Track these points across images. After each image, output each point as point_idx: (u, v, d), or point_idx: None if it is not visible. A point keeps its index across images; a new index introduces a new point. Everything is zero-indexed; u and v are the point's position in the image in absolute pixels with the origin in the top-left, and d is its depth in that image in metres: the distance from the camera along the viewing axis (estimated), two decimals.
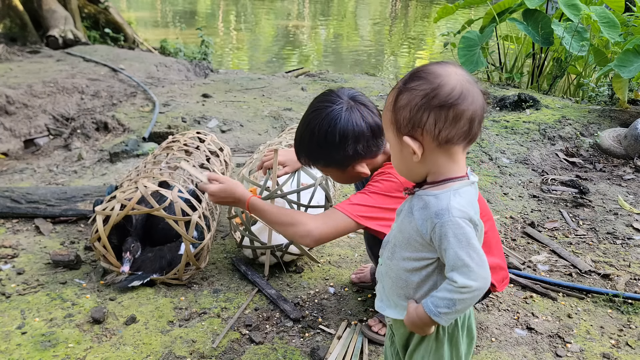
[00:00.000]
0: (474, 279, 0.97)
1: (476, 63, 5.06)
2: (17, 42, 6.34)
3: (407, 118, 1.02)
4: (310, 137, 1.56)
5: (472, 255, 0.97)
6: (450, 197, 1.01)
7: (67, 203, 2.57)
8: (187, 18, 12.90)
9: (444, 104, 0.99)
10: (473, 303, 1.02)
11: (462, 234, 0.98)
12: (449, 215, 0.99)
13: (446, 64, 1.05)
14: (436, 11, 5.95)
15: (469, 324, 1.16)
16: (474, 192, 1.05)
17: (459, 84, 1.00)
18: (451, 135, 1.00)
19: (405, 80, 1.04)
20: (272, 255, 2.15)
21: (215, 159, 2.68)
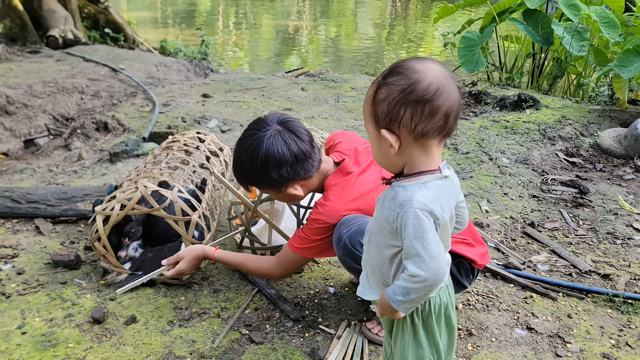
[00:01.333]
0: (424, 270, 1.01)
1: (476, 63, 5.06)
2: (17, 42, 6.35)
3: (385, 112, 1.06)
4: (239, 164, 1.70)
5: (426, 247, 1.01)
6: (416, 189, 1.05)
7: (67, 203, 2.57)
8: (187, 18, 12.90)
9: (420, 99, 1.02)
10: (427, 293, 1.05)
11: (419, 225, 1.02)
12: (410, 206, 1.03)
13: (425, 60, 1.07)
14: (436, 11, 5.95)
15: (447, 313, 1.18)
16: (446, 185, 1.08)
17: (435, 79, 1.03)
18: (427, 130, 1.04)
19: (385, 75, 1.07)
20: (271, 255, 2.15)
21: (215, 159, 2.68)
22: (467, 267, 1.70)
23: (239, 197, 2.04)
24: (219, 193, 2.56)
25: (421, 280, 1.02)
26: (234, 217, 2.21)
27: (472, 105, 4.62)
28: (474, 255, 1.68)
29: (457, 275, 1.68)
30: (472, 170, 3.34)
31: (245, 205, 2.07)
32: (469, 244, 1.69)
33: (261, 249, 2.13)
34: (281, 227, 2.16)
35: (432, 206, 1.03)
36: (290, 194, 1.71)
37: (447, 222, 1.08)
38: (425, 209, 1.03)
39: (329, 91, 5.29)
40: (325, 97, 4.97)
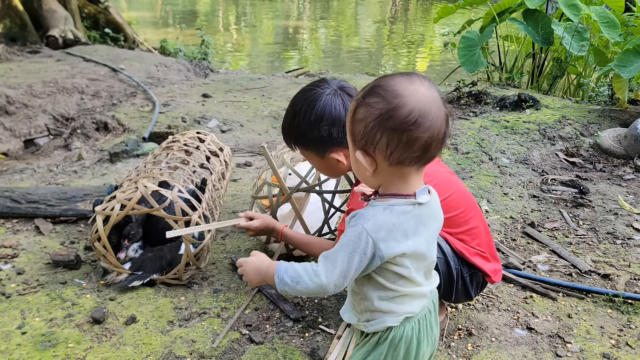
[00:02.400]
0: (327, 278, 1.00)
1: (476, 63, 5.06)
2: (17, 42, 6.35)
3: (361, 133, 0.99)
4: (292, 115, 1.64)
5: (344, 264, 0.98)
6: (380, 210, 1.00)
7: (67, 203, 2.57)
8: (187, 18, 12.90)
9: (398, 127, 0.95)
10: (309, 293, 1.03)
11: (357, 244, 0.97)
12: (362, 223, 0.98)
13: (411, 79, 0.99)
14: (436, 11, 5.95)
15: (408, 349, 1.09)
16: (417, 212, 1.02)
17: (417, 106, 0.95)
18: (402, 158, 0.98)
19: (365, 94, 1.00)
20: (284, 245, 2.15)
21: (215, 159, 2.68)
22: (480, 279, 1.68)
23: (278, 179, 2.01)
24: (219, 193, 2.56)
25: (318, 283, 1.01)
26: (262, 197, 2.18)
27: (472, 105, 4.62)
28: (489, 270, 1.66)
29: (469, 286, 1.65)
30: (472, 170, 3.34)
31: (281, 189, 2.03)
32: (486, 258, 1.67)
33: None
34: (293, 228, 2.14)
35: (381, 236, 0.97)
36: (333, 161, 1.63)
37: (408, 253, 1.01)
38: (371, 236, 0.97)
39: None
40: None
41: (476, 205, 1.70)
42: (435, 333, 1.15)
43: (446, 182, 1.62)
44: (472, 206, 1.66)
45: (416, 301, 1.07)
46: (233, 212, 2.71)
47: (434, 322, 1.14)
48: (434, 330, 1.14)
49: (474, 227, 1.64)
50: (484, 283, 1.71)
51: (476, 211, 1.68)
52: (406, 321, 1.06)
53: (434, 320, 1.14)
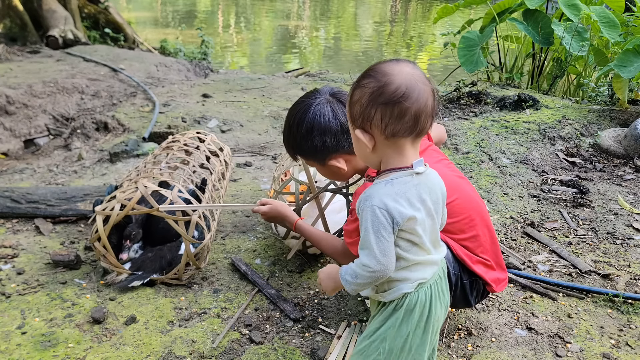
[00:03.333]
0: (374, 263, 1.08)
1: (476, 63, 5.06)
2: (17, 42, 6.35)
3: (358, 113, 1.12)
4: (287, 129, 1.71)
5: (378, 243, 1.07)
6: (381, 185, 1.10)
7: (67, 203, 2.57)
8: (187, 18, 12.90)
9: (389, 101, 1.07)
10: (373, 282, 1.12)
11: (375, 221, 1.07)
12: (370, 201, 1.08)
13: (398, 62, 1.12)
14: (436, 11, 5.95)
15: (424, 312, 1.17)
16: (416, 181, 1.11)
17: (404, 82, 1.07)
18: (396, 130, 1.08)
19: (359, 78, 1.13)
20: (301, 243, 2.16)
21: (215, 159, 2.68)
22: (481, 288, 1.65)
23: (308, 178, 2.01)
24: (219, 193, 2.56)
25: (370, 271, 1.09)
26: (288, 193, 2.19)
27: (472, 105, 4.62)
28: (491, 279, 1.63)
29: (468, 293, 1.63)
30: (472, 170, 3.34)
31: (310, 187, 2.03)
32: (490, 267, 1.64)
33: None
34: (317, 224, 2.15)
35: (390, 204, 1.07)
36: (333, 167, 1.67)
37: (418, 218, 1.10)
38: (382, 207, 1.07)
39: None
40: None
41: (484, 211, 1.66)
42: (446, 297, 1.24)
43: (452, 185, 1.59)
44: (478, 212, 1.62)
45: (428, 268, 1.16)
46: (233, 212, 2.71)
47: (445, 288, 1.23)
48: (445, 295, 1.23)
49: (479, 234, 1.60)
50: (484, 292, 1.68)
51: (482, 218, 1.63)
52: (420, 287, 1.15)
53: (444, 285, 1.24)
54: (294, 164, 2.33)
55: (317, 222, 2.13)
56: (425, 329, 1.17)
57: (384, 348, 1.18)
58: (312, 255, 2.30)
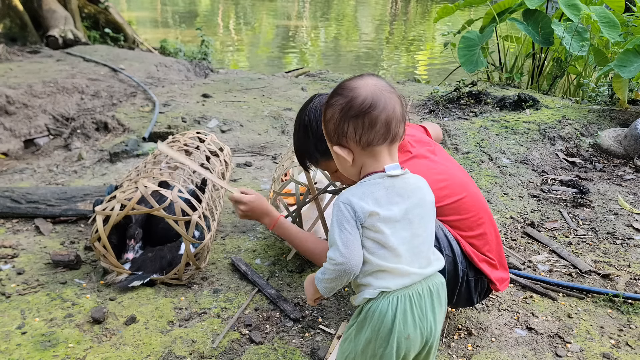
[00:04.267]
0: (338, 255, 1.10)
1: (476, 63, 5.06)
2: (17, 42, 6.34)
3: (333, 130, 1.18)
4: (302, 130, 1.66)
5: (341, 236, 1.10)
6: (352, 187, 1.16)
7: (67, 203, 2.57)
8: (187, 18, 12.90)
9: (358, 113, 1.13)
10: (340, 277, 1.13)
11: (338, 216, 1.12)
12: (337, 200, 1.14)
13: (362, 76, 1.19)
14: (436, 11, 5.95)
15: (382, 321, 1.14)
16: (388, 184, 1.14)
17: (369, 94, 1.13)
18: (371, 139, 1.14)
19: (328, 98, 1.20)
20: None
21: (215, 159, 2.68)
22: (485, 286, 1.67)
23: (308, 180, 2.00)
24: (219, 193, 2.56)
25: (334, 264, 1.11)
26: (288, 194, 2.19)
27: (472, 105, 4.62)
28: (495, 277, 1.64)
29: (472, 291, 1.64)
30: (472, 170, 3.34)
31: (309, 188, 2.02)
32: (494, 265, 1.66)
33: None
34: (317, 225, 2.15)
35: (353, 200, 1.11)
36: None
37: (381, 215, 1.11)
38: (346, 202, 1.12)
39: (329, 91, 5.28)
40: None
41: (489, 211, 1.69)
42: (430, 319, 1.16)
43: (460, 184, 1.62)
44: (485, 211, 1.66)
45: (396, 279, 1.13)
46: (233, 212, 2.71)
47: (429, 308, 1.16)
48: (427, 315, 1.16)
49: (486, 232, 1.63)
50: (488, 290, 1.69)
51: (489, 217, 1.67)
52: (382, 295, 1.14)
53: (429, 305, 1.16)
54: (294, 165, 2.33)
55: (317, 224, 2.13)
56: (389, 343, 1.13)
57: (352, 348, 1.20)
58: None
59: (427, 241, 1.18)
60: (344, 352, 1.23)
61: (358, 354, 1.19)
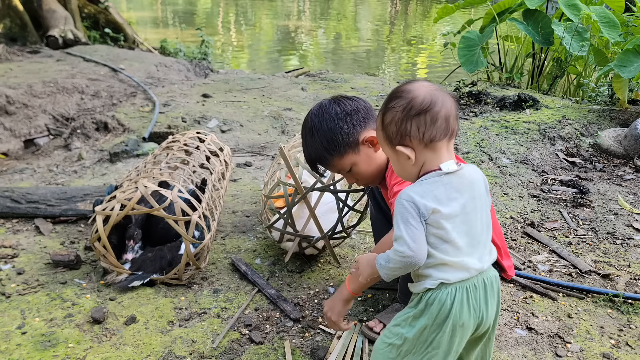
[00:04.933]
0: (406, 249, 1.15)
1: (476, 63, 5.06)
2: (17, 42, 6.34)
3: (395, 131, 1.23)
4: (310, 133, 1.65)
5: (407, 230, 1.15)
6: (411, 186, 1.21)
7: (67, 203, 2.57)
8: (187, 18, 12.90)
9: (420, 111, 1.20)
10: (402, 267, 1.18)
11: (402, 213, 1.17)
12: (400, 198, 1.19)
13: (415, 81, 1.28)
14: (436, 11, 5.95)
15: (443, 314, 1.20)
16: (448, 181, 1.20)
17: (427, 93, 1.22)
18: (433, 135, 1.20)
19: (386, 102, 1.26)
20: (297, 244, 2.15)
21: (215, 159, 2.68)
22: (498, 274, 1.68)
23: (294, 179, 2.00)
24: (219, 193, 2.56)
25: (402, 256, 1.16)
26: (277, 197, 2.19)
27: (472, 105, 4.62)
28: (506, 265, 1.64)
29: None
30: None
31: (297, 188, 2.02)
32: (500, 255, 1.65)
33: (291, 234, 2.10)
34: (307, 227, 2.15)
35: (415, 197, 1.16)
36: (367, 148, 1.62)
37: (442, 212, 1.16)
38: (409, 200, 1.17)
39: (329, 91, 5.29)
40: (325, 97, 4.97)
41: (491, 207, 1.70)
42: (482, 309, 1.23)
43: None
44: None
45: (456, 272, 1.20)
46: (233, 212, 2.71)
47: (483, 300, 1.23)
48: (480, 305, 1.23)
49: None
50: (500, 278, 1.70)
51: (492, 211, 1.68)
52: (442, 286, 1.20)
53: (484, 298, 1.24)
54: (281, 167, 2.31)
55: (309, 222, 2.13)
56: (443, 330, 1.21)
57: (402, 334, 1.25)
58: (310, 256, 2.30)
59: (484, 231, 1.25)
60: (392, 335, 1.28)
61: (408, 339, 1.24)
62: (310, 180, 2.10)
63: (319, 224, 2.05)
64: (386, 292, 2.07)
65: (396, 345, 1.26)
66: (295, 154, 2.26)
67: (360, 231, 2.57)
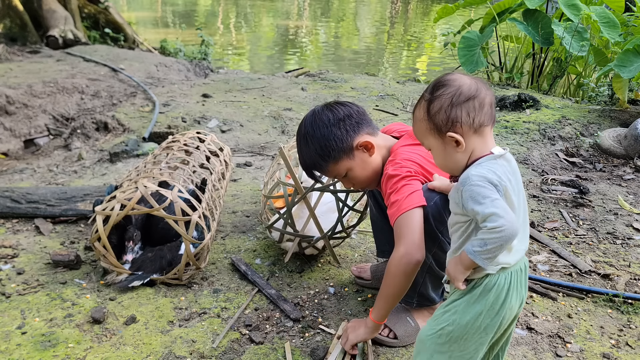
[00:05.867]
0: (501, 222, 1.10)
1: (476, 63, 5.06)
2: (17, 42, 6.35)
3: (444, 119, 1.23)
4: (304, 141, 1.66)
5: (495, 205, 1.12)
6: (471, 169, 1.20)
7: (67, 203, 2.57)
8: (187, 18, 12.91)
9: (469, 97, 1.22)
10: (503, 244, 1.12)
11: (482, 192, 1.14)
12: (469, 181, 1.16)
13: (452, 72, 1.31)
14: (436, 11, 5.95)
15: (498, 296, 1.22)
16: (500, 162, 1.21)
17: (472, 81, 1.25)
18: (482, 120, 1.22)
19: (430, 93, 1.26)
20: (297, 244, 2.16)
21: (215, 159, 2.68)
22: None
23: (294, 179, 2.01)
24: (219, 193, 2.56)
25: (499, 230, 1.10)
26: (276, 197, 2.19)
27: None
28: None
29: None
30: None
31: (296, 188, 2.03)
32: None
33: (290, 234, 2.11)
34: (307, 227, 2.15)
35: (487, 175, 1.16)
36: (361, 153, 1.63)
37: (508, 190, 1.17)
38: (481, 179, 1.15)
39: (329, 91, 5.29)
40: (325, 97, 4.97)
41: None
42: (523, 291, 1.27)
43: None
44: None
45: (512, 254, 1.22)
46: (233, 212, 2.71)
47: (524, 282, 1.27)
48: (522, 288, 1.27)
49: None
50: None
51: None
52: (502, 271, 1.22)
53: (524, 280, 1.27)
54: (281, 167, 2.32)
55: (309, 222, 2.13)
56: (498, 313, 1.23)
57: (454, 320, 1.25)
58: (310, 256, 2.30)
59: (526, 213, 1.27)
60: (442, 322, 1.27)
61: (460, 326, 1.24)
62: (310, 181, 2.10)
63: (319, 224, 2.06)
64: None
65: (447, 330, 1.26)
66: (295, 154, 2.26)
67: (360, 231, 2.57)
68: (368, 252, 2.39)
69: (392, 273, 1.47)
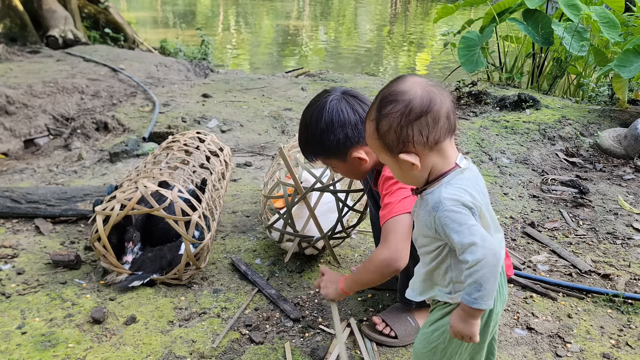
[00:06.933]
0: (482, 252, 1.04)
1: (476, 63, 5.06)
2: (17, 42, 6.35)
3: (395, 139, 1.13)
4: (305, 129, 1.67)
5: (473, 233, 1.06)
6: (441, 190, 1.12)
7: (67, 203, 2.57)
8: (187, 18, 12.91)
9: (421, 114, 1.11)
10: (494, 273, 1.06)
11: (458, 219, 1.07)
12: (442, 207, 1.09)
13: (405, 78, 1.16)
14: (436, 11, 5.95)
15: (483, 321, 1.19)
16: (468, 176, 1.15)
17: (424, 92, 1.12)
18: (437, 136, 1.12)
19: (377, 109, 1.15)
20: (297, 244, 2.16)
21: (215, 159, 2.68)
22: None
23: (293, 179, 2.01)
24: (219, 193, 2.56)
25: (483, 263, 1.04)
26: (276, 197, 2.19)
27: (472, 105, 4.62)
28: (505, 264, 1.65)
29: None
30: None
31: (296, 188, 2.03)
32: None
33: (290, 234, 2.10)
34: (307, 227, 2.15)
35: (461, 198, 1.09)
36: (356, 161, 1.64)
37: (482, 209, 1.12)
38: (456, 203, 1.09)
39: None
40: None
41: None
42: (505, 292, 1.25)
43: None
44: None
45: None
46: (233, 212, 2.71)
47: (504, 282, 1.25)
48: (504, 288, 1.24)
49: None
50: None
51: None
52: None
53: (504, 280, 1.25)
54: (281, 167, 2.32)
55: (309, 222, 2.13)
56: (487, 323, 1.20)
57: (445, 338, 1.22)
58: (310, 256, 2.30)
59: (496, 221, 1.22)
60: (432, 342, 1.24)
61: (452, 341, 1.21)
62: (310, 180, 2.10)
63: (319, 224, 2.06)
64: (386, 292, 2.07)
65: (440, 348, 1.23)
66: (295, 154, 2.26)
67: (360, 231, 2.57)
68: (368, 252, 2.39)
69: (371, 270, 1.51)
